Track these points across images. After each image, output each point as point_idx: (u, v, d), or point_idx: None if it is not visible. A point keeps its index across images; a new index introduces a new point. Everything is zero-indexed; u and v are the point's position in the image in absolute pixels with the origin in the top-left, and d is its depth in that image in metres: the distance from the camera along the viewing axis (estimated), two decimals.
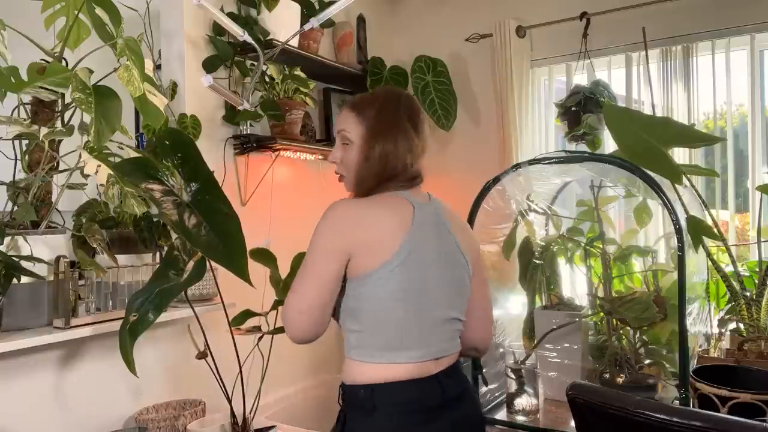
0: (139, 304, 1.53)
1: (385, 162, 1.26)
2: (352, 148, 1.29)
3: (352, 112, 1.30)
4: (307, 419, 2.36)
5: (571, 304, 2.20)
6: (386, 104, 1.30)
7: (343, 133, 1.30)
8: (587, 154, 2.16)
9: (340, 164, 1.31)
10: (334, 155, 1.32)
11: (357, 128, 1.28)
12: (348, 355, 1.25)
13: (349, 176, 1.31)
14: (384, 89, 1.40)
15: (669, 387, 1.92)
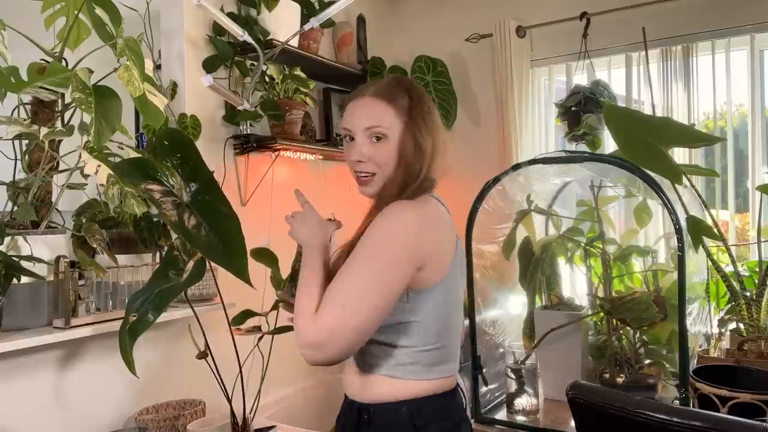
0: (139, 304, 1.53)
1: (429, 159, 1.16)
2: (387, 143, 1.14)
3: (385, 102, 1.15)
4: (307, 419, 2.36)
5: (571, 304, 2.20)
6: (416, 93, 1.18)
7: (377, 129, 1.14)
8: (587, 154, 2.16)
9: (368, 162, 1.16)
10: (360, 152, 1.15)
11: (394, 121, 1.14)
12: (388, 373, 1.13)
13: (382, 175, 1.16)
14: (394, 77, 1.25)
15: (669, 387, 1.92)
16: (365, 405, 1.14)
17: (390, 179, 1.16)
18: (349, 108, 1.20)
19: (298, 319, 1.04)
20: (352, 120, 1.17)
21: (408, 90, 1.18)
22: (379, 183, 1.17)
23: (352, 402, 1.18)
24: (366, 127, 1.15)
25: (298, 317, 1.04)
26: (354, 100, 1.19)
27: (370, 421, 1.13)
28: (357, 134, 1.16)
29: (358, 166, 1.17)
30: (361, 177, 1.18)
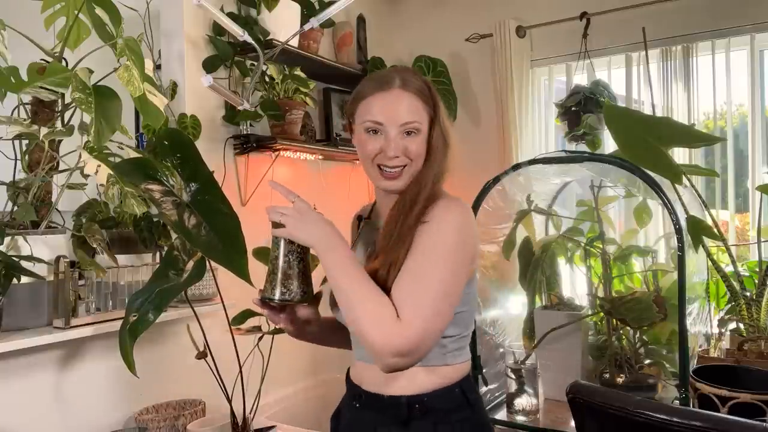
0: (139, 304, 1.53)
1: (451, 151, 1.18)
2: (418, 137, 1.14)
3: (416, 96, 1.14)
4: (307, 419, 2.36)
5: (571, 304, 2.20)
6: (430, 84, 1.19)
7: (414, 125, 1.13)
8: (587, 154, 2.16)
9: (402, 156, 1.13)
10: (397, 147, 1.12)
11: (424, 115, 1.15)
12: (440, 363, 1.13)
13: (411, 169, 1.15)
14: (406, 68, 1.24)
15: (669, 387, 1.92)
16: (416, 396, 1.12)
17: (422, 173, 1.15)
18: (373, 100, 1.15)
19: (374, 328, 0.98)
20: (386, 114, 1.13)
21: (426, 81, 1.18)
22: (406, 177, 1.15)
23: (392, 398, 1.13)
24: (404, 122, 1.12)
25: (375, 326, 0.98)
26: (380, 92, 1.15)
27: (426, 410, 1.12)
28: (391, 129, 1.12)
29: (393, 161, 1.13)
30: (391, 171, 1.14)
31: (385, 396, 1.14)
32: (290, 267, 1.08)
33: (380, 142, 1.13)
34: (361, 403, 1.19)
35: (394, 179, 1.14)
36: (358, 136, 1.19)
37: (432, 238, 1.07)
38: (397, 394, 1.13)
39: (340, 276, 1.03)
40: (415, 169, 1.14)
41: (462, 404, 1.15)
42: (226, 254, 1.45)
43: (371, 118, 1.14)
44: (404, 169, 1.14)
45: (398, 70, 1.19)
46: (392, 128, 1.12)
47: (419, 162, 1.14)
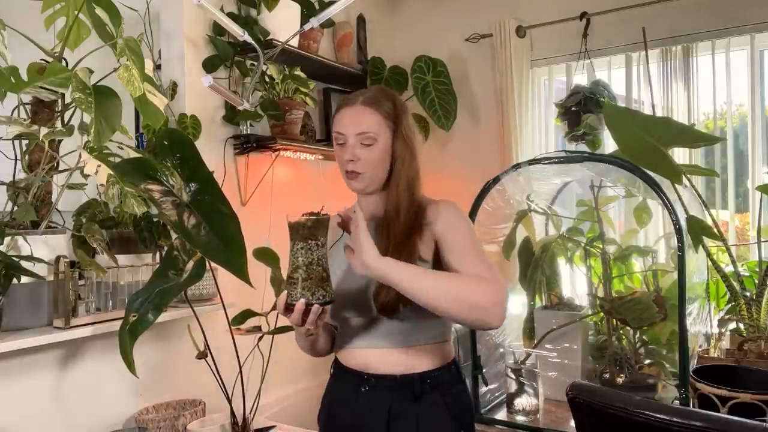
0: (139, 304, 1.53)
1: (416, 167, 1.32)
2: (376, 146, 1.28)
3: (373, 110, 1.29)
4: (307, 419, 2.36)
5: (571, 304, 2.20)
6: (398, 100, 1.34)
7: (367, 135, 1.27)
8: (587, 154, 2.16)
9: (357, 162, 1.28)
10: (353, 153, 1.28)
11: (381, 126, 1.29)
12: (442, 339, 1.31)
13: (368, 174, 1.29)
14: (378, 87, 1.41)
15: (669, 387, 1.92)
16: (426, 373, 1.27)
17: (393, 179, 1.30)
18: (340, 115, 1.31)
19: (480, 293, 1.13)
20: (346, 126, 1.29)
21: (391, 97, 1.33)
22: (365, 180, 1.29)
23: (404, 376, 1.26)
24: (359, 132, 1.27)
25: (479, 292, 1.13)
26: (345, 107, 1.31)
27: (435, 385, 1.27)
28: (349, 138, 1.28)
29: (349, 165, 1.29)
30: (349, 173, 1.30)
31: (398, 375, 1.26)
32: (324, 269, 1.13)
33: (343, 151, 1.29)
34: (371, 386, 1.28)
35: (353, 180, 1.30)
36: (334, 147, 1.35)
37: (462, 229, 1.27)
38: (409, 372, 1.26)
39: (429, 284, 1.14)
40: (374, 174, 1.29)
41: (457, 378, 1.33)
42: (226, 254, 1.45)
43: (336, 130, 1.31)
44: (360, 176, 1.28)
45: (369, 89, 1.35)
46: (350, 137, 1.28)
47: (376, 170, 1.28)
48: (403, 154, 1.30)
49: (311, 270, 1.11)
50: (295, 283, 1.12)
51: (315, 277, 1.11)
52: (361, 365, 1.30)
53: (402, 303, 1.19)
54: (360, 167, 1.28)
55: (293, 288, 1.12)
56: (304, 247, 1.12)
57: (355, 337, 1.31)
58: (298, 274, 1.11)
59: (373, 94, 1.32)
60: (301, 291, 1.11)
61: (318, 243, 1.12)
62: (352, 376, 1.31)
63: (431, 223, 1.28)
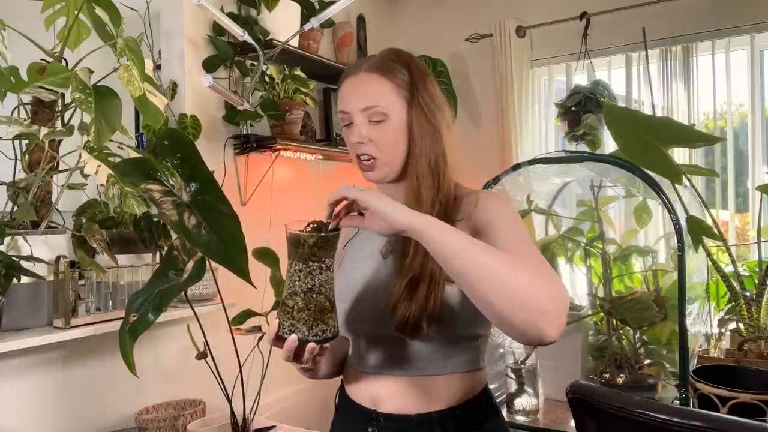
0: (139, 304, 1.53)
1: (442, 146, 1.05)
2: (389, 124, 1.02)
3: (382, 77, 1.02)
4: (307, 419, 2.36)
5: (571, 304, 2.20)
6: (416, 64, 1.07)
7: (375, 110, 1.01)
8: (587, 154, 2.16)
9: (368, 144, 1.02)
10: (360, 134, 1.02)
11: (394, 98, 1.02)
12: (474, 367, 1.05)
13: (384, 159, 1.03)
14: (390, 49, 1.10)
15: (669, 387, 1.92)
16: (448, 410, 1.01)
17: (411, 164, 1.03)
18: (342, 88, 1.06)
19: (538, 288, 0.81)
20: (348, 101, 1.03)
21: (406, 60, 1.06)
22: (383, 169, 1.03)
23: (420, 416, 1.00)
24: (364, 106, 1.01)
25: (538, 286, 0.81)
26: (348, 77, 1.05)
27: (460, 425, 1.01)
28: (354, 115, 1.02)
29: (359, 148, 1.03)
30: (362, 161, 1.04)
31: (413, 415, 1.01)
32: (328, 298, 0.89)
33: (352, 131, 1.04)
34: (380, 427, 1.03)
35: (368, 170, 1.04)
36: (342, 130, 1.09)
37: (509, 223, 0.97)
38: (427, 411, 1.00)
39: (474, 252, 0.82)
40: (390, 158, 1.03)
41: (490, 411, 1.06)
42: (226, 254, 1.45)
43: (339, 108, 1.05)
44: (376, 161, 1.02)
45: (374, 55, 1.08)
46: (356, 115, 1.02)
47: (392, 152, 1.02)
48: (422, 131, 1.03)
49: (310, 299, 0.87)
50: (289, 312, 0.88)
51: (314, 308, 0.87)
52: (369, 399, 1.05)
53: (426, 320, 0.95)
54: (373, 150, 1.02)
55: (286, 317, 0.88)
56: (303, 269, 0.87)
57: (364, 358, 1.06)
58: (293, 302, 0.88)
59: (381, 58, 1.05)
60: (295, 323, 0.87)
61: (322, 265, 0.88)
62: (358, 413, 1.06)
63: (467, 217, 1.00)
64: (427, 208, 0.99)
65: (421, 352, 1.00)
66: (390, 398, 1.02)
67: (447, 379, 1.01)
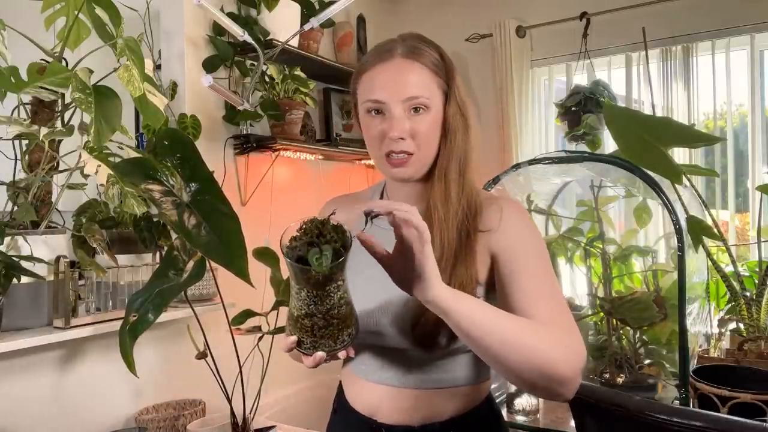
0: (139, 304, 1.53)
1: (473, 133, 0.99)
2: (428, 115, 0.94)
3: (422, 65, 0.94)
4: (307, 419, 2.36)
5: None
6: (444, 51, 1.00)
7: (421, 100, 0.93)
8: (587, 154, 2.16)
9: (408, 139, 0.94)
10: (402, 128, 0.93)
11: (434, 88, 0.95)
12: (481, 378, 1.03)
13: (421, 155, 0.96)
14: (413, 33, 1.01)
15: (669, 387, 1.92)
16: (450, 421, 0.98)
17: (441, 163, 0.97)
18: (374, 74, 0.96)
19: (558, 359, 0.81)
20: (387, 89, 0.94)
21: (437, 48, 0.99)
22: (416, 166, 0.96)
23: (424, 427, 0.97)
24: (408, 96, 0.93)
25: (558, 356, 0.81)
26: (380, 63, 0.96)
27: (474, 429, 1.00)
28: (393, 106, 0.93)
29: (398, 144, 0.94)
30: (398, 158, 0.95)
31: (415, 426, 0.97)
32: (348, 304, 0.80)
33: (384, 124, 0.95)
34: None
35: (401, 166, 0.95)
36: (361, 119, 1.01)
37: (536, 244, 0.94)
38: (429, 422, 0.97)
39: (500, 331, 0.80)
40: (426, 155, 0.96)
41: (492, 418, 1.04)
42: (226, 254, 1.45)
43: (371, 97, 0.96)
44: (411, 158, 0.95)
45: (403, 37, 0.99)
46: (395, 105, 0.94)
47: (430, 148, 0.96)
48: (456, 126, 0.96)
49: (331, 316, 0.79)
50: (308, 330, 0.79)
51: (337, 323, 0.79)
52: (370, 408, 1.00)
53: (442, 334, 0.91)
54: (411, 146, 0.94)
55: (305, 335, 0.80)
56: (319, 294, 0.77)
57: (365, 367, 1.01)
58: (312, 322, 0.79)
59: (413, 43, 0.97)
60: (318, 341, 0.80)
61: (339, 284, 0.78)
62: (357, 420, 1.02)
63: (490, 230, 0.94)
64: (454, 211, 0.94)
65: (430, 364, 0.96)
66: (391, 409, 0.99)
67: (452, 392, 0.98)
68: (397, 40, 0.98)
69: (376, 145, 0.97)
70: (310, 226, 0.75)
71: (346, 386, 1.08)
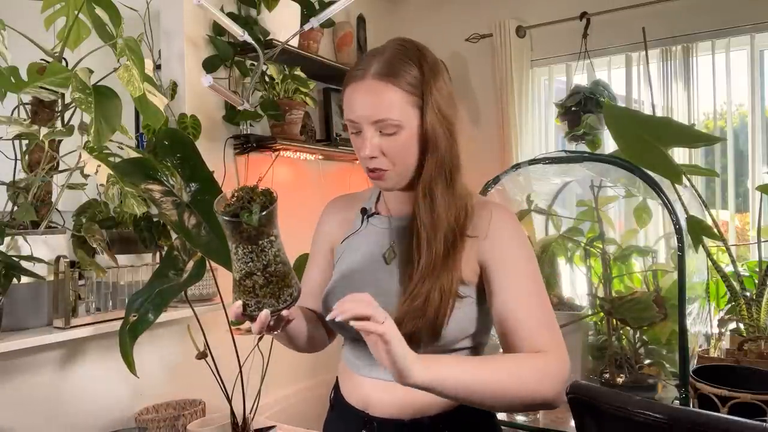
0: (139, 304, 1.53)
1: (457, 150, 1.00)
2: (402, 135, 0.95)
3: (391, 85, 0.94)
4: (307, 419, 2.36)
5: (571, 304, 2.20)
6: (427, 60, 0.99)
7: (386, 123, 0.94)
8: (587, 154, 2.16)
9: (381, 158, 0.96)
10: (372, 147, 0.95)
11: (405, 107, 0.95)
12: None
13: (397, 171, 0.97)
14: (398, 42, 1.01)
15: (669, 387, 1.92)
16: (441, 415, 1.00)
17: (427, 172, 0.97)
18: (349, 93, 0.97)
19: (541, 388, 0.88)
20: (356, 110, 0.96)
21: (415, 58, 0.97)
22: (394, 179, 0.98)
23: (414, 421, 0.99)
24: (376, 120, 0.94)
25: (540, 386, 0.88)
26: (353, 82, 0.97)
27: (454, 429, 1.01)
28: (365, 127, 0.95)
29: (372, 162, 0.97)
30: (374, 174, 0.99)
31: (406, 420, 0.99)
32: (284, 263, 0.87)
33: (358, 141, 0.98)
34: (373, 430, 1.01)
35: (379, 180, 0.99)
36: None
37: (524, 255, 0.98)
38: (420, 415, 0.99)
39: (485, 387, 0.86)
40: (403, 169, 0.97)
41: (483, 413, 1.04)
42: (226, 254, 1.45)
43: (348, 116, 0.98)
44: (387, 173, 0.97)
45: (384, 49, 0.99)
46: (366, 127, 0.95)
47: (405, 162, 0.97)
48: (436, 136, 0.96)
49: (269, 273, 0.85)
50: (250, 290, 0.85)
51: (276, 280, 0.85)
52: (362, 402, 1.03)
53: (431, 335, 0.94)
54: (385, 163, 0.96)
55: (249, 297, 0.85)
56: (254, 249, 0.83)
57: (357, 360, 1.04)
58: (252, 282, 0.85)
59: (388, 60, 0.95)
60: (261, 299, 0.85)
61: (271, 238, 0.84)
62: (351, 414, 1.04)
63: (479, 236, 0.97)
64: (441, 223, 0.96)
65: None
66: (382, 404, 1.01)
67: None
68: (377, 55, 0.98)
69: (361, 161, 1.00)
70: (241, 192, 0.84)
71: (342, 381, 1.10)
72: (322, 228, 1.17)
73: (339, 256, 1.10)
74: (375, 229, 1.08)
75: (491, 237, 0.97)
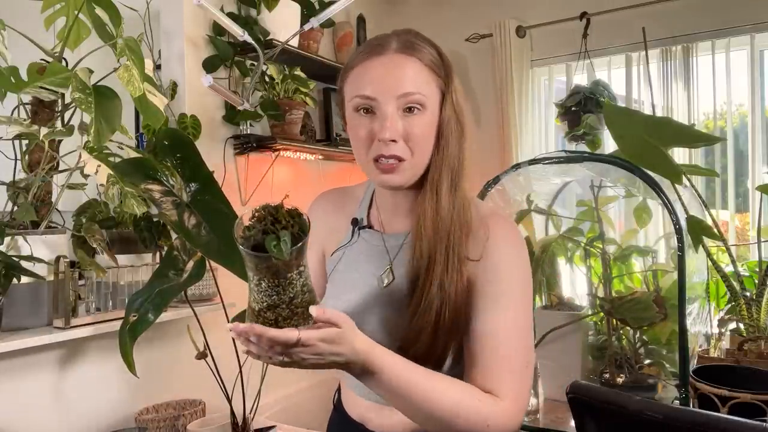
0: (139, 304, 1.53)
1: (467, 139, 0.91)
2: (423, 116, 0.85)
3: (419, 61, 0.85)
4: (307, 419, 2.36)
5: (571, 304, 2.20)
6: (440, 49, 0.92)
7: (416, 98, 0.84)
8: (587, 154, 2.16)
9: (400, 143, 0.85)
10: (394, 129, 0.84)
11: (431, 86, 0.87)
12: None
13: (414, 161, 0.87)
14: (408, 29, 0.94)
15: (669, 387, 1.92)
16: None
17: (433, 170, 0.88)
18: (362, 69, 0.87)
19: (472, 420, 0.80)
20: (379, 84, 0.84)
21: (434, 45, 0.90)
22: (407, 173, 0.87)
23: None
24: (403, 92, 0.84)
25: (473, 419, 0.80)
26: (371, 58, 0.86)
27: None
28: (385, 103, 0.84)
29: (390, 149, 0.85)
30: (387, 162, 0.86)
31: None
32: (310, 291, 0.77)
33: (374, 124, 0.86)
34: None
35: (390, 172, 0.86)
36: (348, 118, 0.91)
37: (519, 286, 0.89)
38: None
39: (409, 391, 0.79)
40: (419, 161, 0.87)
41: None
42: (226, 254, 1.45)
43: (360, 92, 0.86)
44: (402, 164, 0.86)
45: (398, 32, 0.91)
46: (388, 103, 0.84)
47: (423, 153, 0.87)
48: (451, 132, 0.88)
49: (294, 304, 0.75)
50: (272, 323, 0.76)
51: (302, 310, 0.76)
52: (361, 418, 1.00)
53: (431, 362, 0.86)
54: (403, 150, 0.85)
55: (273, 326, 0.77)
56: (281, 284, 0.73)
57: (350, 378, 0.94)
58: (276, 313, 0.75)
59: (409, 38, 0.88)
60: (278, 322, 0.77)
61: (301, 269, 0.74)
62: (352, 427, 1.02)
63: (476, 258, 0.88)
64: (444, 228, 0.87)
65: None
66: (381, 421, 0.97)
67: None
68: (391, 34, 0.90)
69: (363, 148, 0.88)
70: (263, 212, 0.72)
71: (343, 391, 1.07)
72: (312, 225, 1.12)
73: (332, 268, 1.03)
74: (367, 245, 0.99)
75: (485, 257, 0.88)
